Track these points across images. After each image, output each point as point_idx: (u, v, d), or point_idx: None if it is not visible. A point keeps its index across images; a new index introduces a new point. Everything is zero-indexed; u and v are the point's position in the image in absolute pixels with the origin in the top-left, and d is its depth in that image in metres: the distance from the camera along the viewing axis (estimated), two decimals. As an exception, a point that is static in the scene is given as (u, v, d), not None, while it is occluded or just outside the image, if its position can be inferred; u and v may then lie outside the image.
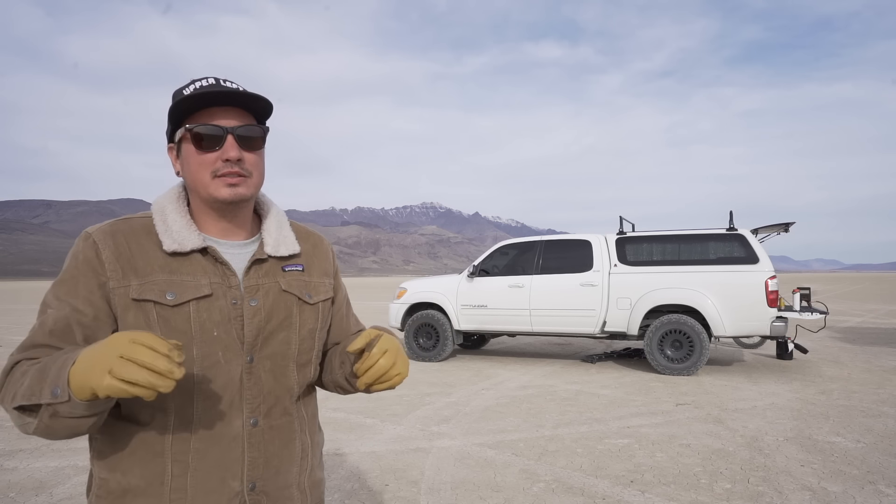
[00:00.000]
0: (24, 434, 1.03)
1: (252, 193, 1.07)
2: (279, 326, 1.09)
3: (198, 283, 1.02)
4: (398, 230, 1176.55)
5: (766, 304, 7.09)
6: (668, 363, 7.37)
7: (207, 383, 1.01)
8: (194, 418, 1.01)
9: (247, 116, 1.06)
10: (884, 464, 3.91)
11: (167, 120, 1.07)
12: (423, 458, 4.05)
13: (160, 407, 1.00)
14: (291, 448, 1.11)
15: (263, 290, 1.08)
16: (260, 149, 1.08)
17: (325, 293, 1.19)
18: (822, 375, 7.24)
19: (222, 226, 1.09)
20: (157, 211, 1.06)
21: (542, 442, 4.45)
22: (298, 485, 1.13)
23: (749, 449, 4.25)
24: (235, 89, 1.02)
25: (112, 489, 1.01)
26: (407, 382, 6.86)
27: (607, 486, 3.52)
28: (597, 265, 7.96)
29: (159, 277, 1.00)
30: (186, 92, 1.03)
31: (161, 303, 0.99)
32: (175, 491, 1.00)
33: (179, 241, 1.02)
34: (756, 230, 8.13)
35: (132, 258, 1.01)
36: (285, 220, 1.18)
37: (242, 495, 1.04)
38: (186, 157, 1.05)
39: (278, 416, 1.09)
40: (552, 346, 10.60)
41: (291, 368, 1.11)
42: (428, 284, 8.96)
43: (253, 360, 1.05)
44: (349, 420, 5.08)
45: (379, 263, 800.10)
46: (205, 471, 1.01)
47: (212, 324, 1.02)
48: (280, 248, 1.12)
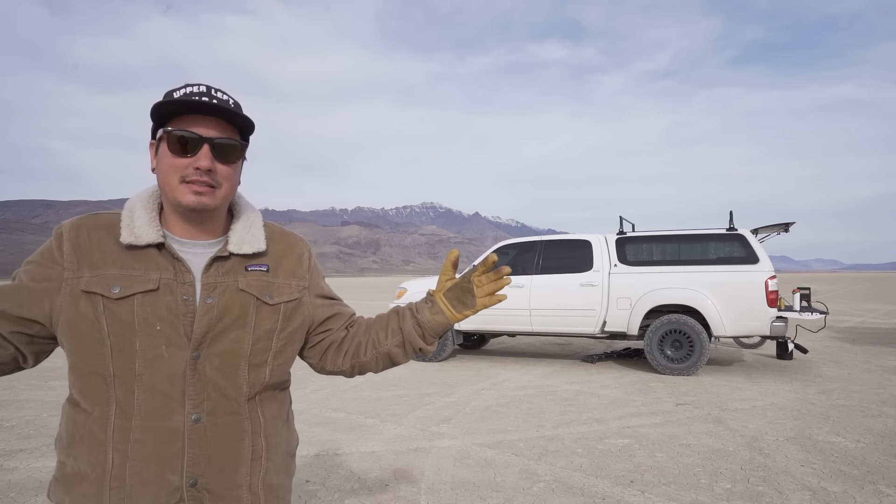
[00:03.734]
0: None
1: (218, 204, 1.08)
2: (232, 325, 1.09)
3: (147, 278, 1.05)
4: (398, 230, 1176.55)
5: (766, 304, 7.09)
6: (668, 363, 7.37)
7: (148, 376, 1.03)
8: (134, 410, 1.03)
9: (229, 129, 1.09)
10: (884, 464, 3.91)
11: (150, 117, 1.09)
12: (423, 458, 4.05)
13: (103, 397, 1.03)
14: (239, 448, 1.10)
15: (221, 287, 1.10)
16: (235, 162, 1.10)
17: (290, 294, 1.18)
18: (822, 375, 7.24)
19: (188, 228, 1.11)
20: (128, 208, 1.11)
21: (542, 442, 4.45)
22: (250, 486, 1.12)
23: (749, 449, 4.25)
24: (216, 104, 1.04)
25: (66, 473, 1.07)
26: (407, 382, 6.87)
27: (607, 486, 3.52)
28: (597, 265, 7.96)
29: (110, 271, 1.05)
30: (176, 95, 1.06)
31: (106, 295, 1.03)
32: (115, 479, 1.03)
33: (136, 235, 1.06)
34: (756, 230, 8.13)
35: (90, 251, 1.06)
36: (258, 221, 1.19)
37: (182, 490, 1.05)
38: (161, 158, 1.07)
39: (224, 415, 1.09)
40: (552, 346, 10.60)
41: (243, 367, 1.11)
42: (428, 284, 8.96)
43: (200, 356, 1.06)
44: (349, 420, 5.08)
45: (379, 263, 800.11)
46: (143, 462, 1.03)
47: (155, 318, 1.04)
48: (243, 245, 1.13)
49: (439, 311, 1.21)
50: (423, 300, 1.24)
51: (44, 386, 6.66)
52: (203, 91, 1.07)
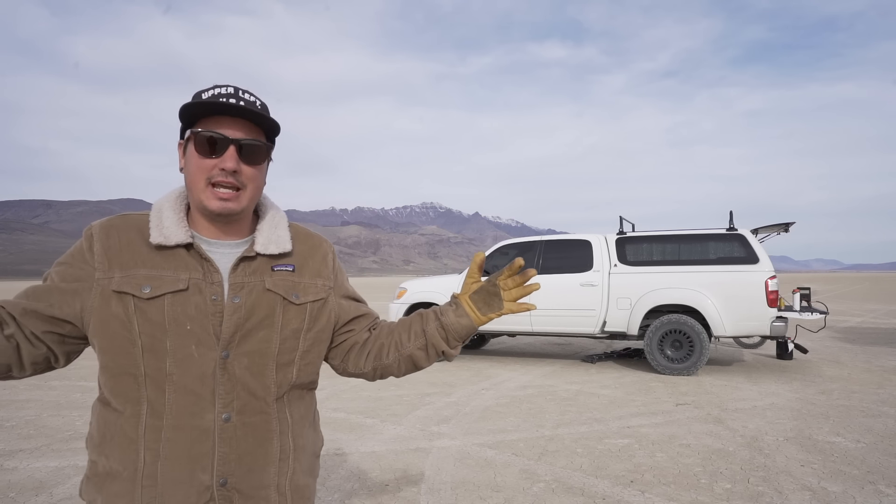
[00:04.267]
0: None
1: (243, 207, 1.10)
2: (259, 324, 1.10)
3: (176, 278, 1.06)
4: (398, 230, 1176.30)
5: (766, 304, 7.09)
6: (668, 363, 7.37)
7: (179, 375, 1.04)
8: (166, 409, 1.04)
9: (255, 130, 1.10)
10: (884, 464, 3.91)
11: (178, 118, 1.10)
12: (423, 458, 4.05)
13: (134, 396, 1.04)
14: (268, 448, 1.11)
15: (248, 287, 1.10)
16: (260, 163, 1.11)
17: (316, 294, 1.19)
18: (822, 375, 7.24)
19: (214, 229, 1.12)
20: (156, 209, 1.11)
21: (542, 442, 4.45)
22: (277, 487, 1.12)
23: (749, 449, 4.25)
24: (242, 105, 1.05)
25: (99, 471, 1.07)
26: (407, 382, 6.87)
27: (607, 486, 3.52)
28: (597, 265, 7.97)
29: (140, 272, 1.06)
30: (205, 96, 1.08)
31: (137, 295, 1.04)
32: (147, 478, 1.03)
33: (165, 235, 1.07)
34: (756, 230, 8.13)
35: (120, 252, 1.07)
36: (283, 221, 1.20)
37: (212, 490, 1.05)
38: (188, 158, 1.09)
39: (253, 414, 1.09)
40: (552, 346, 10.60)
41: (270, 367, 1.11)
42: (428, 284, 8.96)
43: (229, 355, 1.07)
44: (349, 420, 5.08)
45: (379, 263, 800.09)
46: (174, 461, 1.03)
47: (185, 317, 1.05)
48: (269, 246, 1.14)
49: (464, 314, 1.19)
50: (447, 303, 1.23)
51: (44, 386, 6.66)
52: (231, 92, 1.08)
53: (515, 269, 1.15)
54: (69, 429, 4.81)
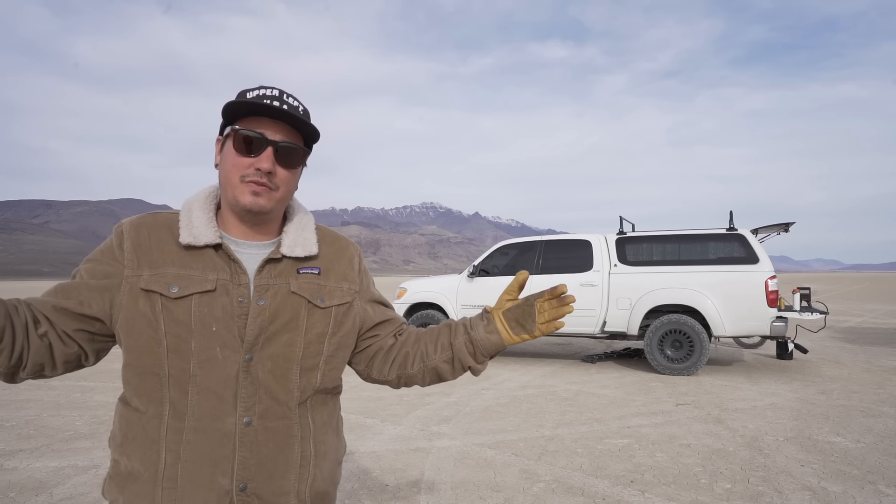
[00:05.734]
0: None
1: (273, 206, 1.09)
2: (283, 328, 1.09)
3: (204, 278, 1.06)
4: (398, 230, 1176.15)
5: (766, 304, 7.09)
6: (668, 363, 7.37)
7: (202, 377, 1.03)
8: (188, 410, 1.03)
9: (295, 135, 1.10)
10: (884, 464, 3.91)
11: (221, 114, 1.11)
12: (423, 458, 4.05)
13: (157, 396, 1.03)
14: (289, 453, 1.09)
15: (273, 290, 1.09)
16: (296, 167, 1.12)
17: (341, 298, 1.17)
18: (822, 375, 7.24)
19: (244, 228, 1.12)
20: (186, 208, 1.12)
21: (542, 442, 4.45)
22: (297, 493, 1.10)
23: (749, 449, 4.25)
24: (285, 109, 1.06)
25: (121, 471, 1.07)
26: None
27: (607, 486, 3.52)
28: (597, 265, 7.97)
29: (169, 270, 1.06)
30: (250, 96, 1.08)
31: (165, 294, 1.03)
32: (167, 480, 1.02)
33: (195, 235, 1.07)
34: (756, 230, 8.13)
35: (150, 250, 1.07)
36: (310, 224, 1.19)
37: (232, 494, 1.04)
38: (225, 155, 1.09)
39: (275, 419, 1.08)
40: (552, 346, 10.60)
41: (294, 371, 1.10)
42: (428, 284, 8.97)
43: (252, 358, 1.06)
44: (349, 420, 5.08)
45: (379, 263, 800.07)
46: (195, 463, 1.03)
47: (212, 319, 1.04)
48: (296, 248, 1.13)
49: (494, 331, 1.17)
50: (477, 316, 1.20)
51: (44, 386, 6.66)
52: (275, 95, 1.08)
53: (558, 293, 1.13)
54: (69, 429, 4.81)
